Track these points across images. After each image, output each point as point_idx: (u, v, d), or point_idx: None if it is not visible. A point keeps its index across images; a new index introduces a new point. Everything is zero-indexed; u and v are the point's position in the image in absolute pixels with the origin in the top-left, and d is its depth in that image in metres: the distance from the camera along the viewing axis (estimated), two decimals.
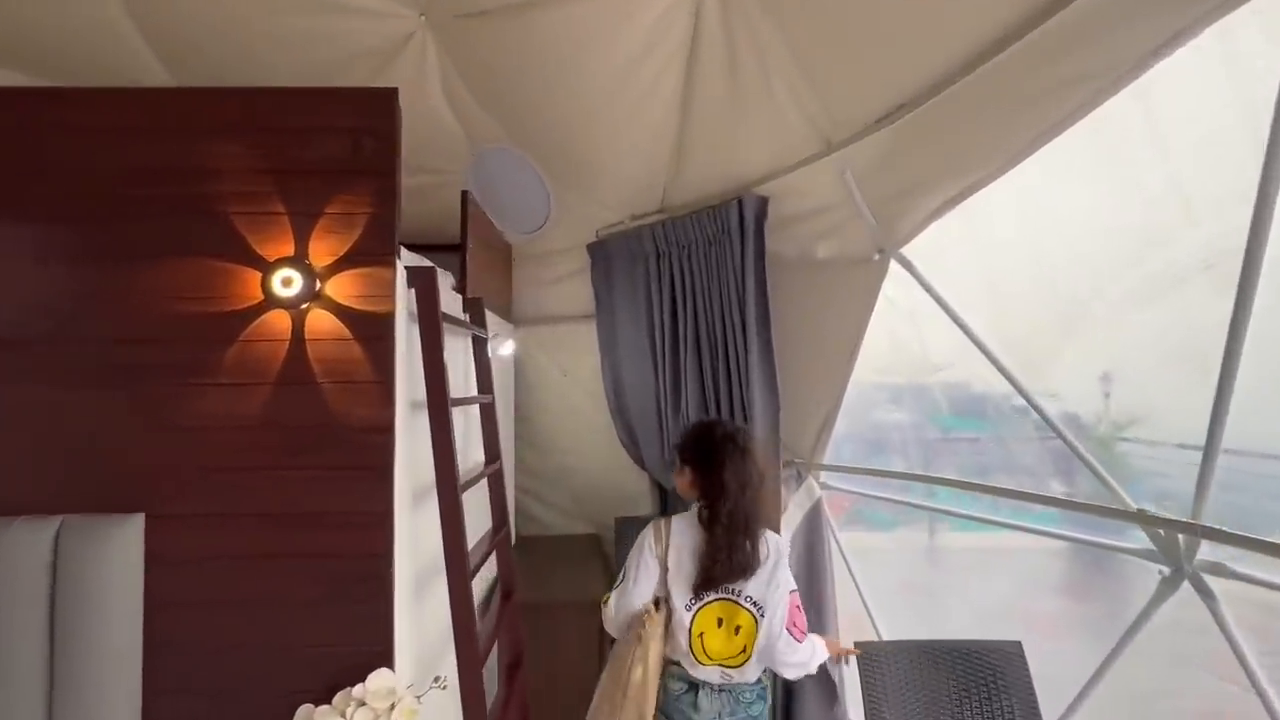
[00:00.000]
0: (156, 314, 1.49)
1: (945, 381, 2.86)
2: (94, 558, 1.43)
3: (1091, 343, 1.91)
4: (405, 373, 1.59)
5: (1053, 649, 3.38)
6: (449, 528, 1.60)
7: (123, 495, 1.47)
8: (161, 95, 1.50)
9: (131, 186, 1.50)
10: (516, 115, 2.67)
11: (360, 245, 1.53)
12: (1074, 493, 2.27)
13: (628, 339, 2.90)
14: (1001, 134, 1.64)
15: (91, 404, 1.48)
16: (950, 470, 3.02)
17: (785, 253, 2.36)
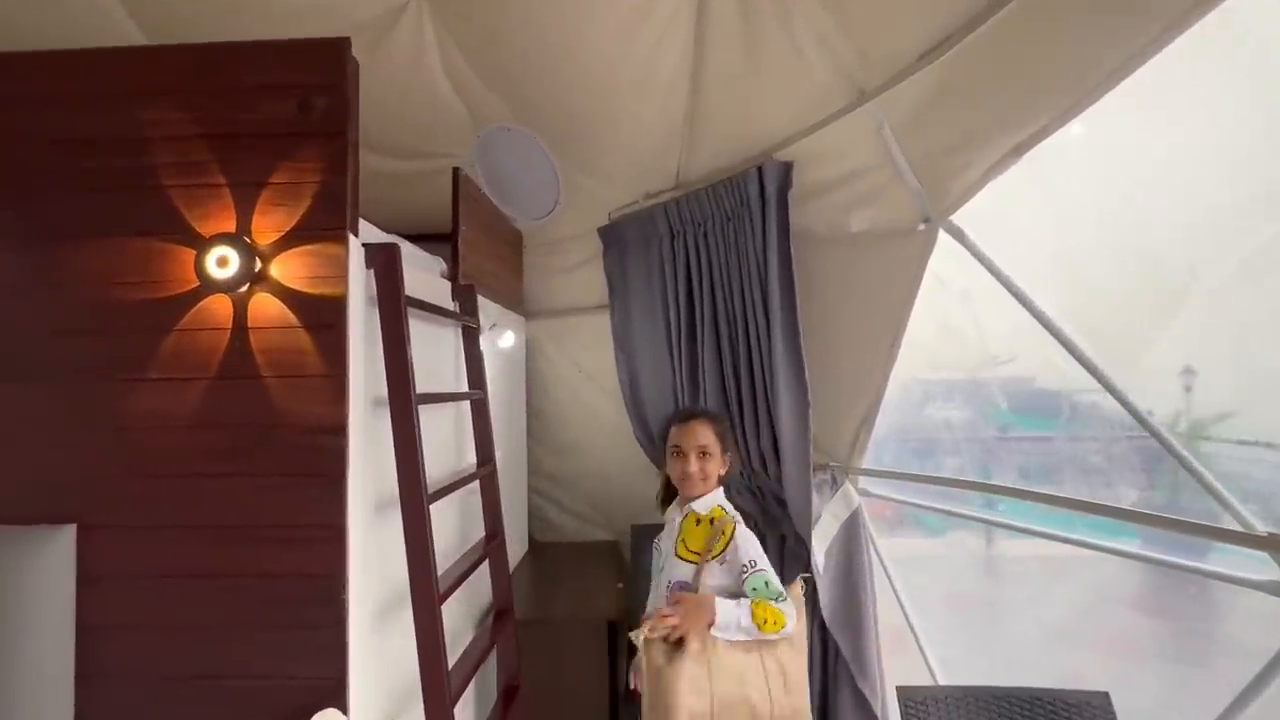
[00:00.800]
0: (87, 301, 1.33)
1: (1002, 374, 2.51)
2: (22, 573, 1.28)
3: (1196, 325, 1.55)
4: (365, 366, 1.39)
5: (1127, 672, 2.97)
6: (413, 542, 1.39)
7: (52, 504, 1.32)
8: (89, 57, 1.34)
9: (57, 159, 1.34)
10: (518, 88, 2.45)
11: (308, 219, 1.33)
12: (1150, 502, 1.91)
13: (643, 330, 2.66)
14: (1073, 64, 1.31)
15: (16, 402, 1.33)
16: (1013, 474, 2.67)
17: (814, 227, 2.06)
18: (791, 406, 2.06)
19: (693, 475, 1.68)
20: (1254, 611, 1.85)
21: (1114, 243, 1.63)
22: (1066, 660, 2.90)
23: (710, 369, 2.30)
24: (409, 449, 1.40)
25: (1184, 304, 1.54)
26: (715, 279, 2.22)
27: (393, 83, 2.48)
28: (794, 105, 1.90)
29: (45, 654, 1.29)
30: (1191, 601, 2.82)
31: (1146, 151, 1.55)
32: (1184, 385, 1.82)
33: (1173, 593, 3.10)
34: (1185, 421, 1.82)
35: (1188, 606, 2.92)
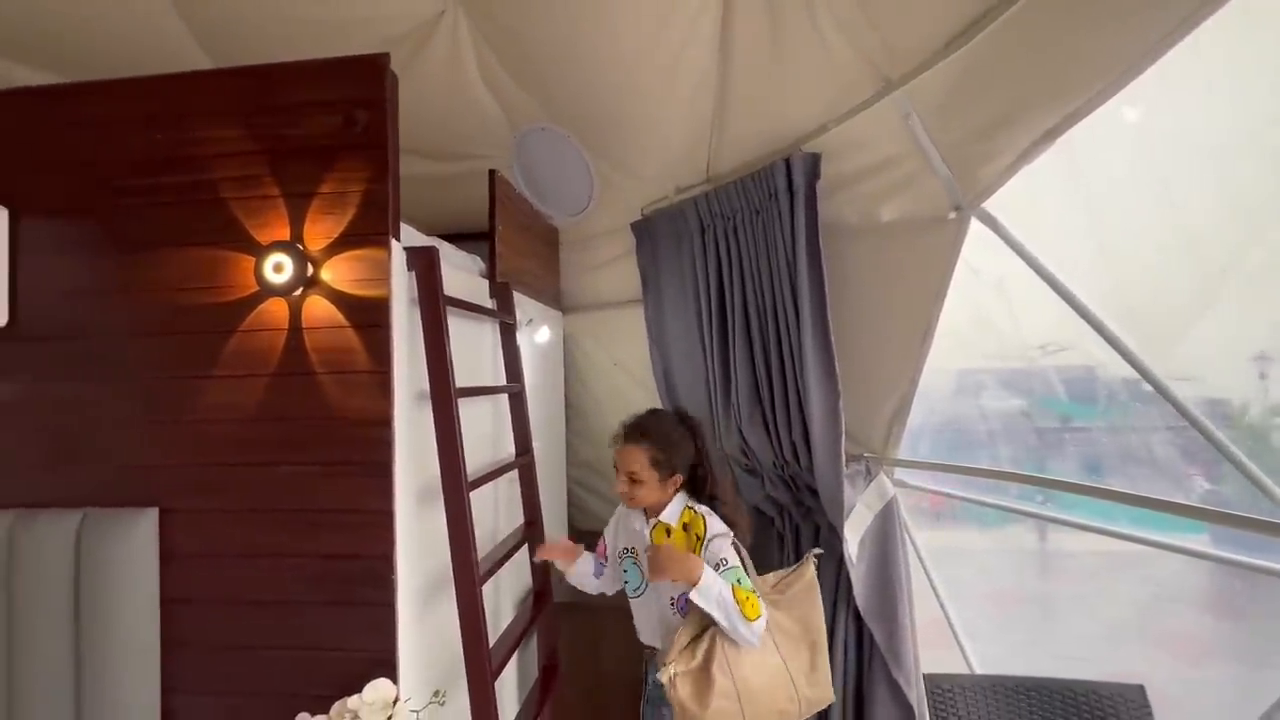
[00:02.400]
0: (161, 305, 1.47)
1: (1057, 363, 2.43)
2: (114, 551, 1.43)
3: (1243, 310, 1.49)
4: (410, 362, 1.49)
5: (1194, 678, 2.85)
6: (455, 527, 1.48)
7: (137, 489, 1.47)
8: (152, 83, 1.47)
9: (133, 177, 1.48)
10: (551, 88, 2.52)
11: (354, 226, 1.43)
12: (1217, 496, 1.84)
13: (676, 324, 2.69)
14: (1113, 37, 1.27)
15: (103, 398, 1.48)
16: (1073, 466, 2.60)
17: (844, 218, 2.06)
18: (822, 397, 2.06)
19: (624, 496, 1.70)
20: None
21: (1155, 226, 1.58)
22: (1123, 658, 2.80)
23: (741, 360, 2.32)
24: (450, 439, 1.49)
25: (1226, 289, 1.48)
26: (745, 271, 2.24)
27: (432, 89, 2.57)
28: (821, 96, 1.90)
29: (135, 624, 1.44)
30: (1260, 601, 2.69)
31: (1192, 127, 1.49)
32: (1258, 372, 1.75)
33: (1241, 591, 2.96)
34: (1258, 410, 1.75)
35: (1256, 606, 2.79)
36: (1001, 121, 1.55)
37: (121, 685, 1.42)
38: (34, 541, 1.44)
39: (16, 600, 1.43)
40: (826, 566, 2.38)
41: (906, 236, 1.94)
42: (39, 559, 1.43)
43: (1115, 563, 3.32)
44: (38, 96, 1.51)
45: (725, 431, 2.49)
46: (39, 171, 1.51)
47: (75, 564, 1.43)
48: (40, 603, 1.43)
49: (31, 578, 1.43)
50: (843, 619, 2.29)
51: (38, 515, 1.45)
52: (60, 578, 1.43)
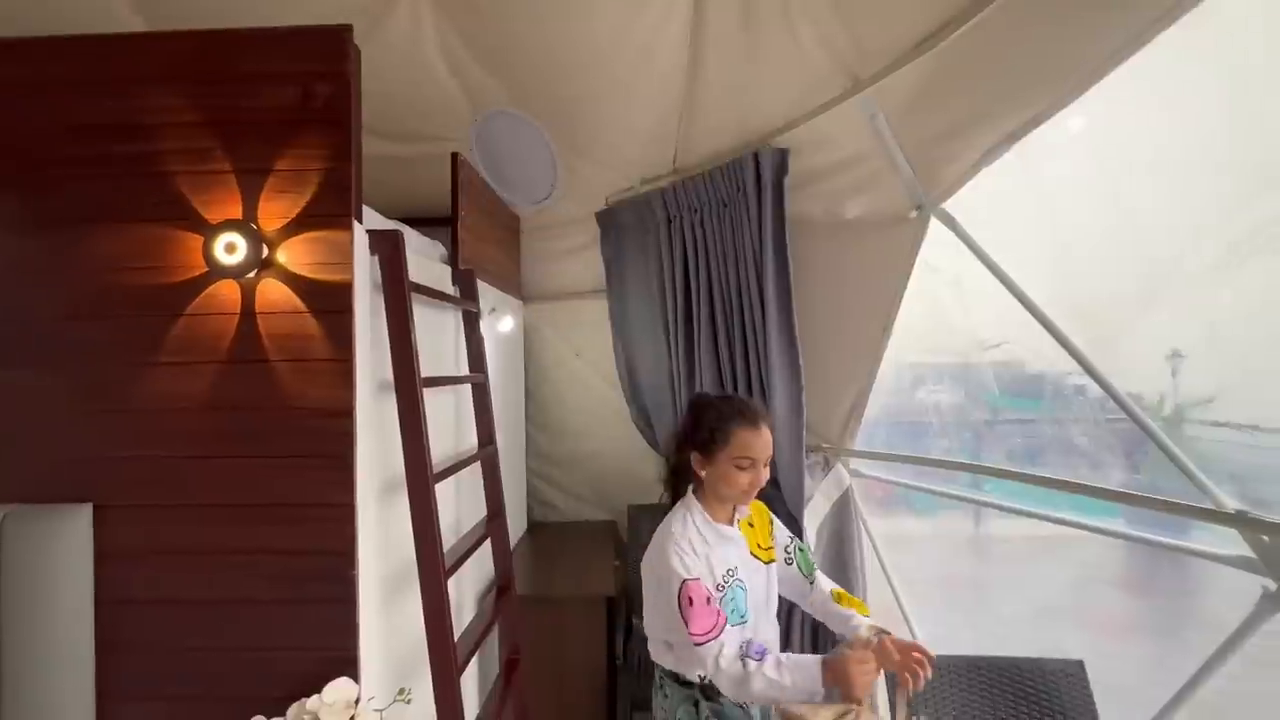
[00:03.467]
0: (97, 286, 1.36)
1: (993, 359, 2.55)
2: (40, 550, 1.32)
3: (1180, 310, 1.60)
4: (372, 350, 1.43)
5: (1112, 651, 3.06)
6: (420, 520, 1.44)
7: (69, 484, 1.36)
8: (93, 43, 1.35)
9: (66, 145, 1.36)
10: (516, 72, 2.46)
11: (314, 206, 1.36)
12: (1137, 483, 1.97)
13: (640, 315, 2.69)
14: (1068, 50, 1.34)
15: (32, 385, 1.36)
16: (1001, 456, 2.73)
17: (810, 213, 2.09)
18: (785, 390, 2.10)
19: (752, 488, 1.40)
20: (1230, 588, 1.92)
21: (1103, 229, 1.67)
22: (1051, 637, 2.98)
23: (706, 353, 2.34)
24: (415, 430, 1.44)
25: (1166, 292, 1.58)
26: (712, 264, 2.26)
27: (390, 66, 2.47)
28: (790, 93, 1.92)
29: (66, 627, 1.33)
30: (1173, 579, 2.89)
31: (1138, 137, 1.59)
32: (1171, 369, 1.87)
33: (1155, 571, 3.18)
34: (1170, 405, 1.87)
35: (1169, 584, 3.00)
36: (963, 124, 1.60)
37: (51, 692, 1.32)
38: None
39: None
40: None
41: (869, 233, 1.99)
42: None
43: (1044, 547, 3.53)
44: None
45: None
46: None
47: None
48: None
49: None
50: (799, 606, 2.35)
51: None
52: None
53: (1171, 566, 3.01)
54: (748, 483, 1.39)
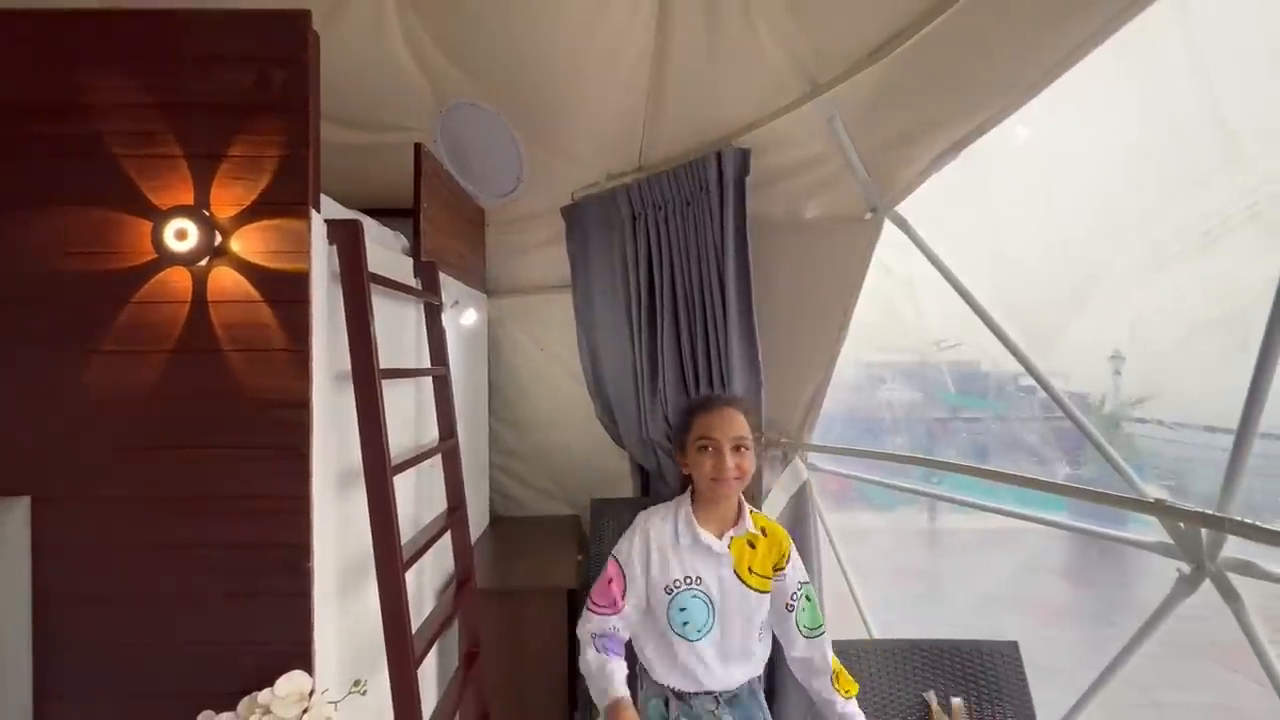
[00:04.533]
0: (33, 270, 1.31)
1: (948, 358, 2.66)
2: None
3: (1108, 312, 1.70)
4: (329, 341, 1.41)
5: (1051, 636, 3.22)
6: (377, 513, 1.43)
7: (5, 476, 1.31)
8: (34, 18, 1.30)
9: (10, 124, 1.30)
10: (482, 63, 2.44)
11: (269, 193, 1.33)
12: (1080, 477, 2.08)
13: (604, 310, 2.71)
14: (1013, 62, 1.41)
15: None
16: (952, 452, 2.84)
17: (771, 213, 2.14)
18: (744, 384, 2.15)
19: (728, 473, 1.36)
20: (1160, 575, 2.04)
21: (1042, 232, 1.76)
22: (994, 623, 3.12)
23: (669, 349, 2.37)
24: (373, 422, 1.43)
25: (1095, 294, 1.68)
26: (675, 261, 2.29)
27: (351, 51, 2.42)
28: (752, 94, 1.96)
29: (2, 623, 1.29)
30: (1110, 570, 3.05)
31: (1075, 143, 1.68)
32: (1113, 369, 1.98)
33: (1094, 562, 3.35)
34: (1111, 404, 1.97)
35: (1106, 574, 3.16)
36: (917, 130, 1.67)
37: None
38: None
39: None
40: None
41: (827, 233, 2.05)
42: None
43: (991, 539, 3.69)
44: None
45: (651, 418, 2.54)
46: None
47: None
48: None
49: None
50: None
51: None
52: None
53: (1109, 557, 3.18)
54: (710, 466, 1.37)
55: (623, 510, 2.86)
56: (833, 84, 1.75)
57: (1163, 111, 1.39)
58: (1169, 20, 1.27)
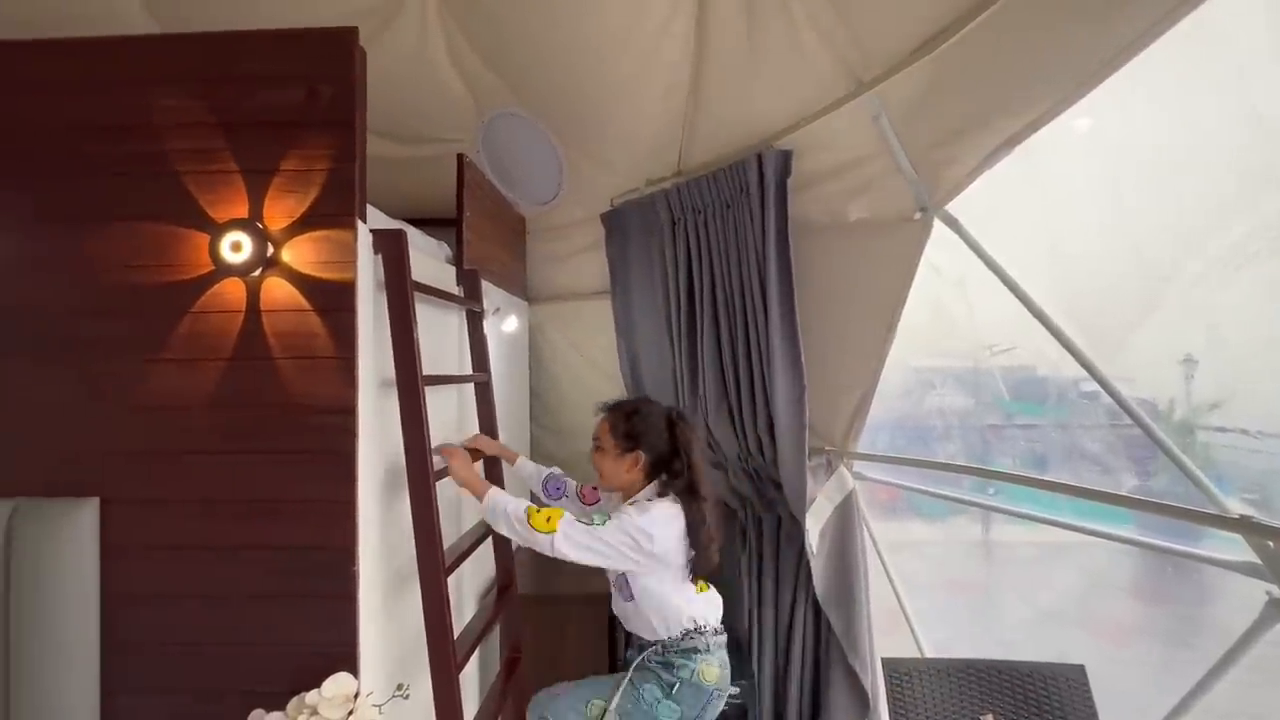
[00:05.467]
0: (105, 283, 1.38)
1: (1002, 363, 2.54)
2: (49, 544, 1.34)
3: (1179, 314, 1.58)
4: (375, 348, 1.44)
5: (1121, 658, 3.03)
6: (420, 518, 1.45)
7: (76, 478, 1.38)
8: (104, 45, 1.38)
9: (78, 144, 1.38)
10: (523, 73, 2.47)
11: (318, 206, 1.38)
12: (1149, 489, 1.95)
13: (644, 316, 2.70)
14: (1068, 54, 1.34)
15: (39, 379, 1.38)
16: (1008, 461, 2.71)
17: (813, 215, 2.09)
18: (787, 391, 2.10)
19: (593, 465, 1.77)
20: (1241, 595, 1.91)
21: (1104, 231, 1.66)
22: (1057, 642, 2.96)
23: (709, 354, 2.34)
24: (416, 428, 1.45)
25: (1166, 295, 1.57)
26: (715, 265, 2.26)
27: (396, 68, 2.49)
28: (794, 94, 1.92)
29: (73, 622, 1.35)
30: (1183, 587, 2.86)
31: (1138, 139, 1.58)
32: (1185, 374, 1.85)
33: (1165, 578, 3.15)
34: (1182, 410, 1.85)
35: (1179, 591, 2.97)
36: (967, 126, 1.60)
37: (57, 687, 1.34)
38: None
39: None
40: (787, 556, 2.44)
41: (873, 235, 1.99)
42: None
43: (1051, 552, 3.50)
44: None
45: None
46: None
47: (5, 557, 1.33)
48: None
49: None
50: (802, 609, 2.34)
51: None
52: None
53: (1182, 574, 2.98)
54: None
55: None
56: (878, 81, 1.70)
57: (1241, 100, 1.28)
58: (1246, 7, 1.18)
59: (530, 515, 1.51)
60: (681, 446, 1.66)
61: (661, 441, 1.67)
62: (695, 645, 1.65)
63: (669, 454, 1.67)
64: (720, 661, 1.67)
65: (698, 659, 1.64)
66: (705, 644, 1.66)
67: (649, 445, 1.67)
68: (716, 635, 1.70)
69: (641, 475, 1.69)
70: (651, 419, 1.69)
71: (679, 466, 1.65)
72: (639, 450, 1.67)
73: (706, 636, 1.67)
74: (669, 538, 1.58)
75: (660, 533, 1.57)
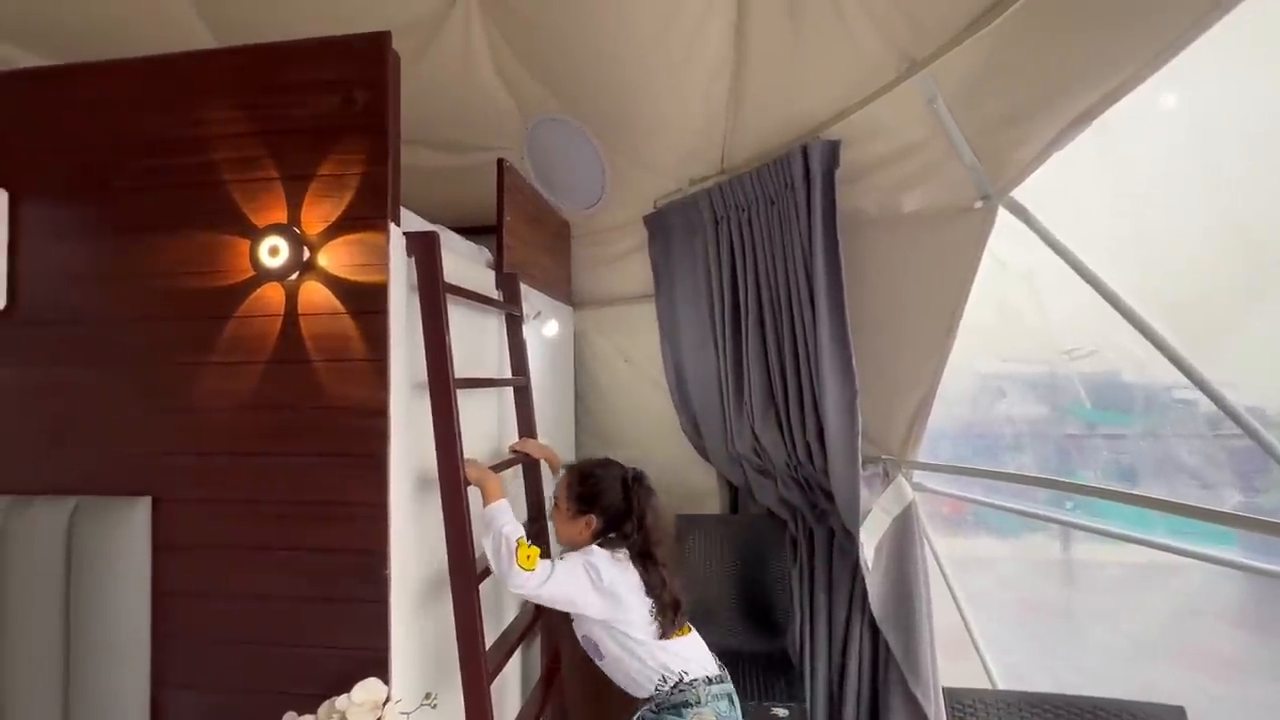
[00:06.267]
0: (160, 290, 1.44)
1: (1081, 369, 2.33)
2: (107, 540, 1.40)
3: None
4: (407, 351, 1.44)
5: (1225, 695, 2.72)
6: (451, 522, 1.43)
7: (132, 477, 1.44)
8: (151, 64, 1.44)
9: (132, 160, 1.45)
10: (564, 78, 2.47)
11: (352, 209, 1.39)
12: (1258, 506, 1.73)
13: (688, 320, 2.63)
14: (1143, 20, 1.19)
15: (101, 384, 1.45)
16: (1090, 474, 2.48)
17: (864, 208, 1.97)
18: (838, 395, 1.98)
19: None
20: None
21: (1199, 214, 1.47)
22: (1149, 676, 2.68)
23: (755, 357, 2.25)
24: (448, 431, 1.44)
25: (1275, 285, 1.37)
26: (760, 264, 2.17)
27: (443, 79, 2.54)
28: (841, 80, 1.82)
29: (126, 616, 1.40)
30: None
31: (1239, 107, 1.39)
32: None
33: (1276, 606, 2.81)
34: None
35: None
36: (1032, 104, 1.46)
37: (111, 677, 1.39)
38: (27, 529, 1.41)
39: (7, 588, 1.41)
40: (841, 571, 2.30)
41: (930, 227, 1.85)
42: (31, 547, 1.40)
43: (1141, 574, 3.17)
44: (38, 78, 1.49)
45: (738, 430, 2.42)
46: (39, 154, 1.49)
47: (67, 553, 1.40)
48: (31, 591, 1.40)
49: (23, 566, 1.41)
50: (858, 628, 2.20)
51: (32, 502, 1.43)
52: (52, 567, 1.40)
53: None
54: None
55: (710, 528, 2.75)
56: (932, 59, 1.58)
57: None
58: None
59: (520, 546, 1.48)
60: (635, 509, 1.66)
61: (616, 503, 1.67)
62: (685, 699, 1.58)
63: (621, 515, 1.66)
64: (717, 713, 1.59)
65: (689, 714, 1.57)
66: (696, 696, 1.59)
67: (601, 509, 1.67)
68: (710, 685, 1.62)
69: (590, 537, 1.68)
70: (606, 481, 1.70)
71: (629, 529, 1.64)
72: (591, 514, 1.67)
73: (697, 688, 1.59)
74: (617, 580, 1.57)
75: (607, 571, 1.56)
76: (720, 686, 1.63)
